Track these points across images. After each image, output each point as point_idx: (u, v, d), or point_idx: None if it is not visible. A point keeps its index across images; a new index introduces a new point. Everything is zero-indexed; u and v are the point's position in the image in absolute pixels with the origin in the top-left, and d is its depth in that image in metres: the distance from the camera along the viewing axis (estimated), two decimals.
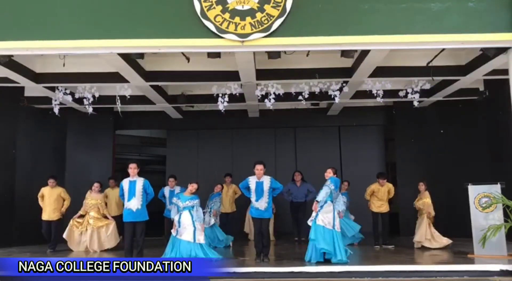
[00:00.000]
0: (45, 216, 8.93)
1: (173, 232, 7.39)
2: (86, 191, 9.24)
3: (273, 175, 10.90)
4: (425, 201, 8.79)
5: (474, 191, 7.54)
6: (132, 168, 7.39)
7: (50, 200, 8.96)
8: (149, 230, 10.40)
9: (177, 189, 9.27)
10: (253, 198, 7.24)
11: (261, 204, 7.19)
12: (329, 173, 7.41)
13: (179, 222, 7.33)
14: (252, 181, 7.28)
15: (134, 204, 7.26)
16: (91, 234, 8.88)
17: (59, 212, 9.03)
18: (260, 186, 7.22)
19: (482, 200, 7.44)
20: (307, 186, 9.90)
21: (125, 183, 7.38)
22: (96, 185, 9.19)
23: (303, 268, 6.32)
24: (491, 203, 7.24)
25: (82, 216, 9.10)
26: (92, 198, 9.08)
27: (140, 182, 7.38)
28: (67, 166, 11.36)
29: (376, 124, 12.29)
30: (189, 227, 7.26)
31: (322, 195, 7.14)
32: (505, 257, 6.99)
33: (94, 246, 8.83)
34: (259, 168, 7.25)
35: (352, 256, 7.31)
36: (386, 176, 9.43)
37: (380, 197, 9.02)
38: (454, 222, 9.43)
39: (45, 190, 9.01)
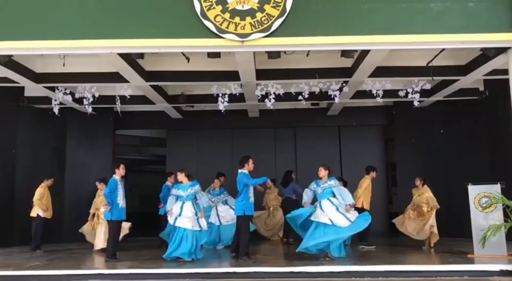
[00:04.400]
0: (49, 215, 8.90)
1: (170, 219, 7.32)
2: (86, 190, 9.24)
3: (273, 174, 11.03)
4: (428, 196, 8.54)
5: (474, 191, 7.52)
6: (125, 169, 7.53)
7: (50, 199, 8.96)
8: (146, 230, 10.49)
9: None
10: (252, 192, 7.29)
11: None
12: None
13: (180, 212, 7.28)
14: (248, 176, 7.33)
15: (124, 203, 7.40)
16: (100, 231, 8.78)
17: None
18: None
19: (482, 200, 7.43)
20: None
21: (119, 182, 7.44)
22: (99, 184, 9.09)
23: (303, 268, 6.30)
24: (491, 203, 7.23)
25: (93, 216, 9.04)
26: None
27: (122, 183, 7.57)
28: (67, 165, 11.35)
29: (376, 124, 12.30)
30: (193, 217, 7.27)
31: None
32: (505, 257, 6.98)
33: (100, 243, 8.72)
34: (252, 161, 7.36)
35: (352, 256, 7.31)
36: None
37: (370, 192, 8.83)
38: (454, 222, 9.43)
39: (46, 189, 8.98)
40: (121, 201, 7.33)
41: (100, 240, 8.67)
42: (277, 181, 10.55)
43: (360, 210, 8.79)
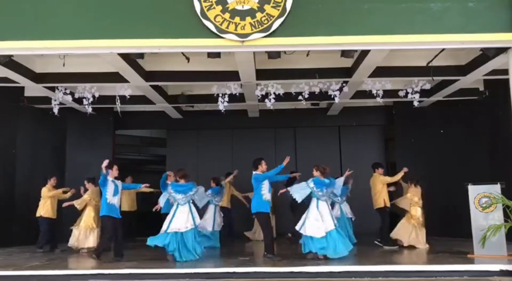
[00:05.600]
0: (54, 215, 9.03)
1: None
2: (86, 190, 9.23)
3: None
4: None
5: (474, 191, 7.52)
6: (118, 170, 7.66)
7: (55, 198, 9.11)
8: (147, 230, 10.47)
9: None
10: (265, 189, 7.43)
11: (270, 197, 7.56)
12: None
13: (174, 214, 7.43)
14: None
15: (118, 200, 7.46)
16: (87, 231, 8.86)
17: None
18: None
19: (482, 200, 7.42)
20: None
21: (110, 181, 7.49)
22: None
23: (303, 268, 6.31)
24: (491, 203, 7.22)
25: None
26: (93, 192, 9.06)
27: (120, 183, 7.64)
28: (67, 165, 11.35)
29: (376, 124, 12.30)
30: (188, 216, 7.40)
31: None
32: (505, 257, 6.98)
33: (89, 243, 8.79)
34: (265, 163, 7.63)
35: (352, 256, 7.31)
36: None
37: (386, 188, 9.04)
38: (454, 222, 9.43)
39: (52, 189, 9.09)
40: (109, 196, 7.36)
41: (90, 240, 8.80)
42: None
43: (382, 210, 8.88)
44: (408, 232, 8.73)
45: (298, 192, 7.36)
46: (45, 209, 8.93)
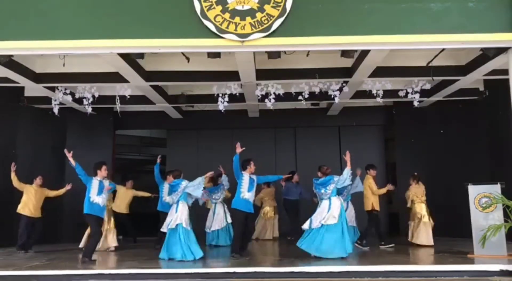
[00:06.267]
0: (33, 214, 9.01)
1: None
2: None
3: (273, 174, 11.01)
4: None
5: (474, 191, 7.52)
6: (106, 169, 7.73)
7: (40, 198, 9.12)
8: (146, 230, 10.47)
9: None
10: (244, 188, 7.49)
11: (251, 196, 7.56)
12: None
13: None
14: (245, 175, 7.62)
15: (102, 200, 7.45)
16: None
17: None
18: (252, 181, 7.66)
19: (482, 200, 7.42)
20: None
21: (96, 181, 7.55)
22: None
23: (303, 268, 6.31)
24: (491, 203, 7.23)
25: None
26: None
27: (107, 183, 7.66)
28: (67, 165, 11.31)
29: (376, 124, 12.28)
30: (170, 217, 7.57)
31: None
32: (505, 257, 6.98)
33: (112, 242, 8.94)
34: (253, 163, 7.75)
35: (352, 256, 7.31)
36: None
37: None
38: (454, 222, 9.43)
39: (33, 188, 9.11)
40: (93, 195, 7.38)
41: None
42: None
43: (369, 212, 8.90)
44: (416, 229, 8.85)
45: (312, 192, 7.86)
46: (21, 205, 8.97)
